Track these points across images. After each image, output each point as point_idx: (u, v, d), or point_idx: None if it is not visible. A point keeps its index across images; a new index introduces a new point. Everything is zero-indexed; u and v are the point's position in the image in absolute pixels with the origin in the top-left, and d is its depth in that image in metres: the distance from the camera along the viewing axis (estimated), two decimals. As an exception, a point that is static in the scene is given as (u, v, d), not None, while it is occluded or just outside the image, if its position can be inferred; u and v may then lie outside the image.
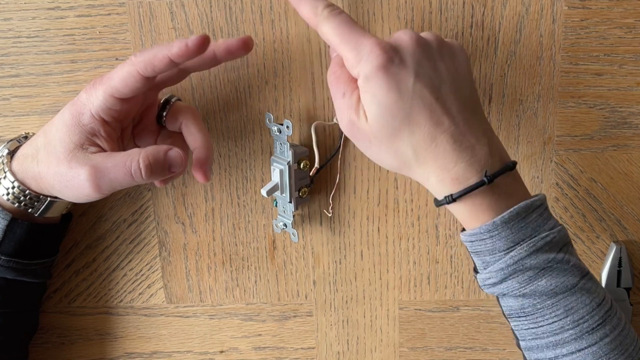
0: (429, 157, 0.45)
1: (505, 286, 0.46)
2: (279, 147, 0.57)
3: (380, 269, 0.62)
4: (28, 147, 0.51)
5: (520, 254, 0.45)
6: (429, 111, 0.44)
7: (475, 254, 0.47)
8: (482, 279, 0.47)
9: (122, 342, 0.65)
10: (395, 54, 0.44)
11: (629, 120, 0.57)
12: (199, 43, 0.46)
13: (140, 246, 0.62)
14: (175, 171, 0.49)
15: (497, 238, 0.45)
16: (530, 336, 0.47)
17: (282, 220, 0.59)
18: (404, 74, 0.44)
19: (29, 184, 0.51)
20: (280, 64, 0.57)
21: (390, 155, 0.46)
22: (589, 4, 0.55)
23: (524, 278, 0.45)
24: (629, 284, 0.59)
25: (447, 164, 0.45)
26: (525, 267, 0.45)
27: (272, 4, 0.55)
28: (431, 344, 0.64)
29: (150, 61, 0.46)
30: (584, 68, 0.56)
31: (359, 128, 0.46)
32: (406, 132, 0.44)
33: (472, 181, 0.45)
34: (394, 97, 0.44)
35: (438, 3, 0.55)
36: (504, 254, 0.45)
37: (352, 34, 0.45)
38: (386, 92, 0.44)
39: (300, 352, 0.64)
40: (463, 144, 0.45)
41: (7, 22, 0.56)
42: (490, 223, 0.45)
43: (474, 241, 0.46)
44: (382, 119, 0.44)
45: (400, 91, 0.44)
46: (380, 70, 0.44)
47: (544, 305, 0.45)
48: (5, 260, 0.53)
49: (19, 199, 0.51)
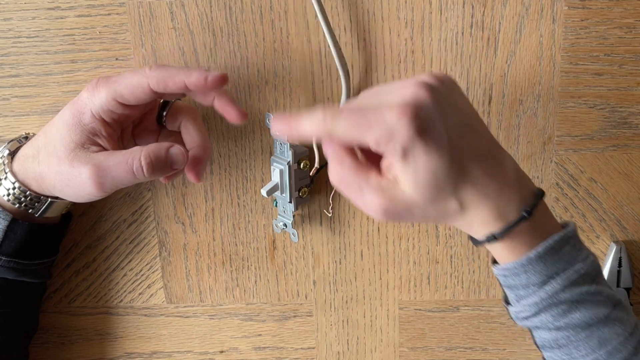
0: (473, 205, 0.43)
1: (539, 320, 0.45)
2: (279, 147, 0.57)
3: (380, 269, 0.62)
4: (29, 148, 0.51)
5: (555, 288, 0.44)
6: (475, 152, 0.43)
7: (509, 287, 0.46)
8: (515, 311, 0.47)
9: (122, 342, 0.65)
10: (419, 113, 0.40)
11: (629, 120, 0.57)
12: (218, 81, 0.46)
13: (140, 246, 0.62)
14: (177, 168, 0.49)
15: (531, 273, 0.44)
16: None
17: (282, 220, 0.59)
18: (436, 132, 0.41)
19: (30, 185, 0.51)
20: (280, 64, 0.57)
21: (434, 215, 0.43)
22: (589, 4, 0.55)
23: (558, 311, 0.45)
24: (629, 284, 0.59)
25: (491, 206, 0.43)
26: (559, 300, 0.44)
27: (272, 4, 0.55)
28: (431, 344, 0.64)
29: (164, 80, 0.47)
30: (584, 68, 0.56)
31: (396, 208, 0.42)
32: (450, 189, 0.42)
33: (511, 217, 0.43)
34: (435, 159, 0.41)
35: (438, 3, 0.55)
36: (537, 288, 0.45)
37: (365, 117, 0.40)
38: (431, 156, 0.41)
39: (300, 352, 0.64)
40: (500, 182, 0.43)
41: (7, 22, 0.56)
42: (525, 258, 0.44)
43: (508, 276, 0.46)
44: (427, 185, 0.42)
45: (439, 150, 0.41)
46: (420, 134, 0.40)
47: (577, 338, 0.45)
48: (6, 261, 0.53)
49: (19, 200, 0.51)
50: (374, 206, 0.43)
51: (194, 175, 0.52)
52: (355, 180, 0.43)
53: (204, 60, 0.57)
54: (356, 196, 0.43)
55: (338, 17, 0.56)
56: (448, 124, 0.41)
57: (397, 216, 0.43)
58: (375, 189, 0.43)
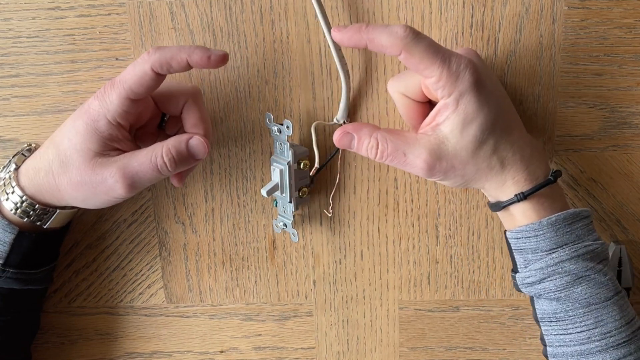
0: (511, 162, 0.47)
1: (543, 287, 0.48)
2: (279, 147, 0.57)
3: (380, 269, 0.62)
4: (38, 161, 0.51)
5: (562, 257, 0.47)
6: (512, 116, 0.48)
7: (519, 251, 0.49)
8: (522, 277, 0.49)
9: (122, 342, 0.65)
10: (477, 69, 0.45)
11: (629, 120, 0.57)
12: (220, 60, 0.47)
13: (140, 246, 0.62)
14: (201, 159, 0.50)
15: (542, 238, 0.47)
16: (558, 342, 0.48)
17: (282, 220, 0.59)
18: (491, 87, 0.46)
19: (41, 198, 0.51)
20: (280, 64, 0.57)
21: (473, 171, 0.47)
22: (589, 4, 0.55)
23: (561, 282, 0.47)
24: (629, 284, 0.59)
25: (524, 167, 0.48)
26: (564, 270, 0.46)
27: (272, 4, 0.55)
28: (431, 344, 0.64)
29: (167, 60, 0.46)
30: (584, 68, 0.56)
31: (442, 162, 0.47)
32: (493, 144, 0.47)
33: (540, 180, 0.48)
34: (485, 111, 0.45)
35: (438, 3, 0.55)
36: (545, 254, 0.47)
37: (441, 52, 0.45)
38: (480, 107, 0.45)
39: (300, 352, 0.64)
40: (531, 148, 0.48)
41: (7, 22, 0.56)
42: (538, 223, 0.47)
43: (520, 238, 0.48)
44: (472, 138, 0.46)
45: (490, 104, 0.46)
46: (477, 86, 0.45)
47: (575, 313, 0.47)
48: (13, 273, 0.53)
49: (27, 214, 0.51)
50: (419, 163, 0.46)
51: (177, 180, 0.54)
52: (399, 146, 0.47)
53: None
54: (400, 162, 0.47)
55: (338, 17, 0.56)
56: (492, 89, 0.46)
57: (440, 171, 0.47)
58: (415, 147, 0.47)
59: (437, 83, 0.45)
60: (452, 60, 0.44)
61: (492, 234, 0.60)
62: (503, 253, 0.61)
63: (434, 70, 0.44)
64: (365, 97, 0.57)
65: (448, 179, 0.48)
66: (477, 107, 0.45)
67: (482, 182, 0.48)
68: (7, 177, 0.51)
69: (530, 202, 0.48)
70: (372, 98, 0.57)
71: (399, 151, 0.47)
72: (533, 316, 0.51)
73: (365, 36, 0.45)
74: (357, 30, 0.45)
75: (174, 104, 0.52)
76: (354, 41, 0.45)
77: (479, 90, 0.45)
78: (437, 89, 0.45)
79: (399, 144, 0.47)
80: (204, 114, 0.52)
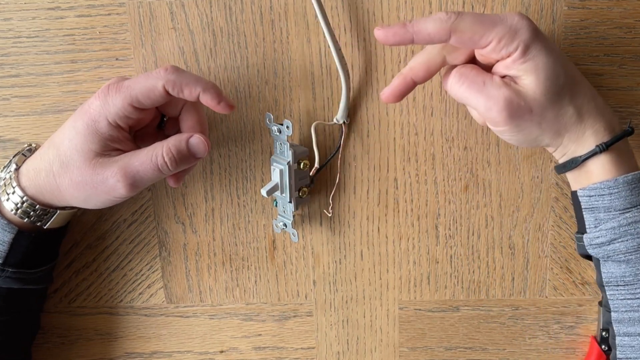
0: (588, 114, 0.47)
1: (612, 248, 0.46)
2: (279, 147, 0.57)
3: (380, 269, 0.62)
4: (38, 161, 0.51)
5: (636, 217, 0.46)
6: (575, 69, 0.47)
7: (590, 210, 0.48)
8: (591, 237, 0.48)
9: (122, 342, 0.65)
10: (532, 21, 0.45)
11: (629, 120, 0.57)
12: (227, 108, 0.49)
13: (140, 246, 0.62)
14: (201, 157, 0.50)
15: (616, 196, 0.46)
16: (625, 307, 0.47)
17: (282, 220, 0.59)
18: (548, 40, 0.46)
19: (41, 198, 0.51)
20: (280, 64, 0.57)
21: (551, 118, 0.46)
22: (589, 4, 0.55)
23: (632, 244, 0.46)
24: (629, 284, 0.59)
25: (601, 117, 0.47)
26: (637, 231, 0.46)
27: (272, 4, 0.55)
28: (431, 344, 0.64)
29: (180, 85, 0.47)
30: (584, 68, 0.56)
31: (519, 103, 0.45)
32: (568, 91, 0.46)
33: (617, 131, 0.47)
34: (553, 58, 0.45)
35: (438, 3, 0.55)
36: (619, 214, 0.46)
37: (488, 17, 0.45)
38: (548, 54, 0.45)
39: (300, 352, 0.65)
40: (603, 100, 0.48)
41: (7, 22, 0.56)
42: (614, 180, 0.46)
43: (593, 196, 0.47)
44: (548, 82, 0.45)
45: (556, 53, 0.45)
46: (538, 35, 0.45)
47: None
48: (12, 272, 0.53)
49: (28, 214, 0.51)
50: (498, 98, 0.45)
51: (173, 180, 0.53)
52: (479, 75, 0.46)
53: (204, 60, 0.57)
54: (478, 89, 0.46)
55: (338, 17, 0.56)
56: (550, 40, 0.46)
57: (517, 111, 0.45)
58: (499, 83, 0.45)
59: (499, 44, 0.44)
60: (504, 19, 0.44)
61: (492, 234, 0.60)
62: (503, 253, 0.61)
63: (491, 34, 0.44)
64: (365, 97, 0.57)
65: (524, 128, 0.46)
66: (546, 52, 0.45)
67: (560, 134, 0.47)
68: (8, 178, 0.52)
69: (610, 154, 0.47)
70: (372, 98, 0.57)
71: (479, 77, 0.46)
72: (597, 281, 0.49)
73: (411, 29, 0.45)
74: (401, 26, 0.45)
75: (173, 106, 0.52)
76: (399, 37, 0.45)
77: (542, 38, 0.45)
78: (500, 49, 0.45)
79: (480, 72, 0.46)
80: (202, 116, 0.52)
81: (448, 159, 0.58)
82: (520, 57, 0.45)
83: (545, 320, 0.62)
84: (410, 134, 0.58)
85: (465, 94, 0.46)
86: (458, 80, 0.46)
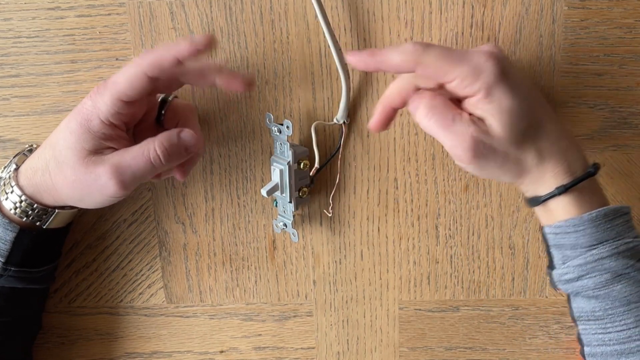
0: (549, 156, 0.46)
1: (581, 284, 0.46)
2: (279, 147, 0.57)
3: (380, 269, 0.62)
4: (36, 160, 0.51)
5: (602, 254, 0.45)
6: (544, 108, 0.47)
7: (557, 247, 0.48)
8: (559, 274, 0.48)
9: (122, 342, 0.65)
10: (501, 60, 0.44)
11: (629, 120, 0.57)
12: (205, 42, 0.46)
13: (140, 246, 0.62)
14: (192, 151, 0.50)
15: (581, 234, 0.46)
16: (597, 342, 0.47)
17: (282, 220, 0.59)
18: (517, 78, 0.45)
19: (39, 197, 0.51)
20: (280, 64, 0.57)
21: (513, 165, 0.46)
22: (589, 4, 0.55)
23: (600, 279, 0.46)
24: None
25: (563, 159, 0.47)
26: (604, 267, 0.45)
27: (272, 4, 0.55)
28: (431, 344, 0.64)
29: (157, 62, 0.46)
30: (584, 68, 0.56)
31: (484, 143, 0.45)
32: (532, 134, 0.46)
33: (579, 173, 0.47)
34: (518, 101, 0.44)
35: (438, 3, 0.55)
36: (585, 250, 0.46)
37: (455, 54, 0.44)
38: (512, 97, 0.44)
39: (300, 352, 0.64)
40: (568, 140, 0.47)
41: (7, 22, 0.56)
42: (579, 218, 0.46)
43: (559, 233, 0.47)
44: (511, 126, 0.45)
45: (521, 94, 0.45)
46: (503, 76, 0.44)
47: (615, 312, 0.46)
48: (14, 271, 0.53)
49: (26, 213, 0.51)
50: (465, 136, 0.45)
51: (180, 173, 0.53)
52: (448, 110, 0.45)
53: (204, 60, 0.57)
54: (446, 125, 0.45)
55: (338, 17, 0.56)
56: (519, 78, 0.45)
57: (482, 151, 0.45)
58: (467, 121, 0.45)
59: (462, 83, 0.44)
60: (470, 57, 0.44)
61: (492, 234, 0.60)
62: (503, 253, 0.61)
63: (455, 72, 0.44)
64: (365, 97, 0.57)
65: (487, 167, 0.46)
66: (511, 95, 0.44)
67: (521, 175, 0.47)
68: (7, 177, 0.52)
69: (571, 195, 0.47)
70: (372, 98, 0.57)
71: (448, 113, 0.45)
72: (570, 315, 0.49)
73: (378, 59, 0.45)
74: (369, 54, 0.45)
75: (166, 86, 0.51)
76: (367, 65, 0.45)
77: (507, 79, 0.44)
78: (464, 88, 0.44)
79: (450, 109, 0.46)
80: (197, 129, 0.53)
81: (448, 159, 0.58)
82: (483, 99, 0.44)
83: (546, 320, 0.62)
84: (410, 134, 0.58)
85: (433, 129, 0.46)
86: (427, 114, 0.46)
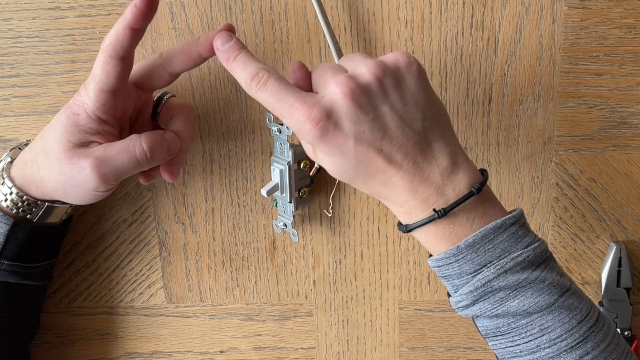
0: (383, 196, 0.46)
1: (478, 308, 0.45)
2: (279, 147, 0.57)
3: (380, 269, 0.62)
4: (27, 153, 0.51)
5: (487, 277, 0.44)
6: (375, 165, 0.44)
7: (444, 278, 0.47)
8: (454, 302, 0.47)
9: (122, 342, 0.65)
10: (328, 120, 0.43)
11: (629, 120, 0.57)
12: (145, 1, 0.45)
13: (140, 246, 0.62)
14: (172, 154, 0.50)
15: (463, 262, 0.45)
16: (509, 355, 0.46)
17: (282, 220, 0.59)
18: (342, 139, 0.43)
19: (29, 190, 0.51)
20: (280, 64, 0.57)
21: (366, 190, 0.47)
22: (589, 4, 0.55)
23: (495, 300, 0.44)
24: (629, 284, 0.59)
25: (400, 201, 0.45)
26: (494, 288, 0.44)
27: (272, 4, 0.55)
28: (431, 344, 0.64)
29: (114, 39, 0.46)
30: (584, 68, 0.56)
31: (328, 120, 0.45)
32: (360, 181, 0.45)
33: (422, 216, 0.45)
34: (338, 159, 0.44)
35: (438, 3, 0.55)
36: (471, 277, 0.45)
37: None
38: (330, 157, 0.44)
39: (300, 352, 0.65)
40: (413, 184, 0.44)
41: (7, 22, 0.56)
42: (455, 247, 0.44)
43: (441, 266, 0.46)
44: (336, 173, 0.45)
45: (343, 154, 0.44)
46: (319, 140, 0.43)
47: (518, 325, 0.45)
48: (8, 265, 0.53)
49: (17, 205, 0.51)
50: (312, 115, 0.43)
51: (168, 174, 0.52)
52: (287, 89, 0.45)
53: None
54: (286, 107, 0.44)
55: (338, 17, 0.56)
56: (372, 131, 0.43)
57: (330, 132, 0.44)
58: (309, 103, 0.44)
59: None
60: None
61: (492, 234, 0.60)
62: (503, 253, 0.61)
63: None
64: (365, 97, 0.57)
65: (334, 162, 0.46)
66: (329, 156, 0.44)
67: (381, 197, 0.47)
68: (1, 169, 0.52)
69: (421, 235, 0.46)
70: (372, 98, 0.57)
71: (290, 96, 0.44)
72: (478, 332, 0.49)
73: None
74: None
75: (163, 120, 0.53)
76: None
77: (325, 143, 0.43)
78: None
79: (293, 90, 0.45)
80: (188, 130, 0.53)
81: (448, 159, 0.58)
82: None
83: (545, 320, 0.62)
84: (410, 134, 0.58)
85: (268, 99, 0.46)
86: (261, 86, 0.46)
